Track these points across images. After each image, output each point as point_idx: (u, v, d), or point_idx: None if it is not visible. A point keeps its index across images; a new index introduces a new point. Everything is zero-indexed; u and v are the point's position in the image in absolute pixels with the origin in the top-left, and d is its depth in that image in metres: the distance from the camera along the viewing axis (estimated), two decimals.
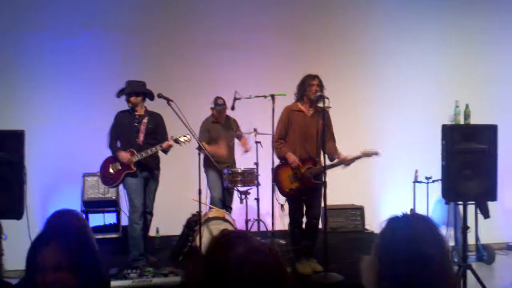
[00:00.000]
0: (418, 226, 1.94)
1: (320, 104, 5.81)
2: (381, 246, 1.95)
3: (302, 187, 5.90)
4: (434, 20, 8.11)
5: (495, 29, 8.13)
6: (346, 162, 5.88)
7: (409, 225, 1.94)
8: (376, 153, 5.91)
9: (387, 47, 8.08)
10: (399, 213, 2.02)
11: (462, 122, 6.71)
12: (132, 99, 6.10)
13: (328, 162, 5.80)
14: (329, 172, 5.69)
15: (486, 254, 7.03)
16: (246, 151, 7.05)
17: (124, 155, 6.01)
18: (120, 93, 6.15)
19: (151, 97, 6.16)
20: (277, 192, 6.18)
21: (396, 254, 1.89)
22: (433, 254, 1.87)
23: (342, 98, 7.19)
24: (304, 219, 6.09)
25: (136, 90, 6.10)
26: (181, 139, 6.02)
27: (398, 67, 8.06)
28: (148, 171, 6.16)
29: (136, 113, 6.15)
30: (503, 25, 8.15)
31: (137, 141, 6.09)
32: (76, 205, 6.91)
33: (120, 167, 6.05)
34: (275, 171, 6.07)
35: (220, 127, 7.07)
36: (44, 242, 2.13)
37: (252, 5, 7.86)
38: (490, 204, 6.72)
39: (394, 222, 1.99)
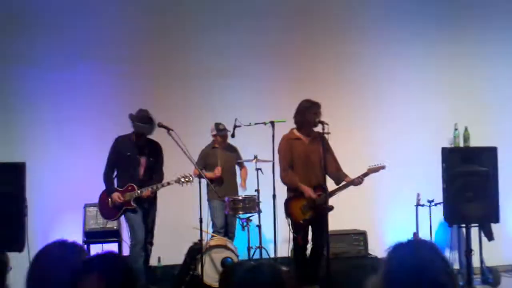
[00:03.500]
0: (424, 253, 1.92)
1: (318, 129, 5.85)
2: (387, 273, 1.93)
3: (314, 216, 5.89)
4: (433, 45, 8.13)
5: (494, 52, 8.15)
6: (356, 182, 5.90)
7: (415, 252, 1.92)
8: (383, 167, 5.94)
9: (387, 73, 8.09)
10: (404, 239, 2.00)
11: (461, 144, 6.73)
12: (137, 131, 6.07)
13: (335, 186, 5.85)
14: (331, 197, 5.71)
15: (492, 276, 6.97)
16: (243, 186, 7.18)
17: (116, 198, 5.95)
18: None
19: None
20: (285, 221, 6.13)
21: (403, 281, 1.87)
22: (441, 281, 1.86)
23: (342, 123, 7.21)
24: (309, 246, 6.08)
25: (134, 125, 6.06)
26: (182, 179, 5.97)
27: (397, 92, 8.07)
28: (147, 203, 6.12)
29: (138, 142, 6.09)
30: (502, 48, 8.18)
31: (138, 176, 6.04)
32: (77, 236, 6.87)
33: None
34: (286, 205, 6.04)
35: (220, 151, 7.10)
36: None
37: (251, 32, 7.90)
38: (494, 226, 6.67)
39: (399, 249, 1.97)
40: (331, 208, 5.76)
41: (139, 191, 5.94)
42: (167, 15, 7.82)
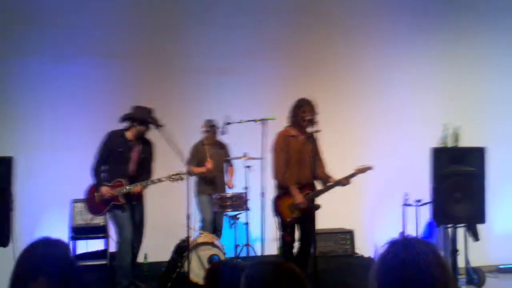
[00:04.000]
0: (416, 247, 1.91)
1: (309, 129, 5.85)
2: (382, 270, 1.92)
3: (301, 214, 5.90)
4: (424, 45, 8.19)
5: (484, 53, 8.23)
6: (343, 182, 5.90)
7: (407, 246, 1.91)
8: (369, 168, 5.93)
9: (377, 73, 8.14)
10: (397, 236, 2.00)
11: (450, 144, 6.75)
12: (142, 128, 5.94)
13: (322, 186, 5.84)
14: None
15: (477, 277, 7.01)
16: (230, 185, 7.13)
17: (106, 192, 5.81)
18: (131, 120, 5.92)
19: (157, 126, 5.88)
20: (272, 220, 6.13)
21: (399, 278, 1.86)
22: (433, 274, 1.85)
23: (332, 122, 7.22)
24: (296, 244, 6.07)
25: (144, 119, 5.90)
26: (174, 177, 5.89)
27: (387, 91, 8.11)
28: (134, 200, 6.04)
29: (130, 139, 6.01)
30: (492, 48, 8.25)
31: (128, 171, 5.95)
32: (64, 232, 6.83)
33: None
34: (274, 203, 6.04)
35: (210, 147, 7.07)
36: (31, 276, 2.03)
37: (242, 30, 7.91)
38: (480, 227, 6.71)
39: (393, 245, 1.96)
40: (318, 207, 5.76)
41: (128, 187, 5.85)
42: (162, 11, 7.81)
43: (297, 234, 6.08)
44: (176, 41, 7.84)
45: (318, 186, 6.02)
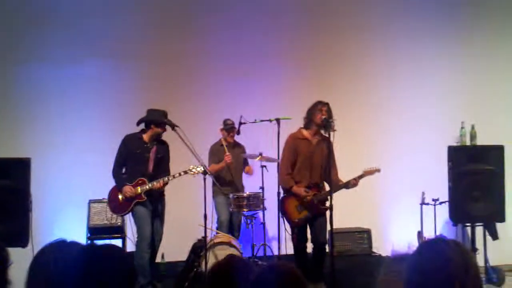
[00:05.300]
0: (451, 254, 1.90)
1: (325, 131, 5.83)
2: (411, 272, 1.91)
3: (310, 215, 5.88)
4: (440, 43, 8.14)
5: (502, 50, 8.15)
6: (351, 183, 5.86)
7: (441, 253, 1.90)
8: (377, 170, 5.89)
9: (392, 71, 8.11)
10: (430, 236, 2.00)
11: (468, 143, 6.71)
12: (159, 129, 6.04)
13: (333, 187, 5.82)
14: (335, 195, 5.66)
15: (496, 276, 6.94)
16: (250, 173, 7.21)
17: (128, 191, 5.90)
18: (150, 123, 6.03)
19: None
20: (284, 220, 6.13)
21: (427, 281, 1.85)
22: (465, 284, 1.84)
23: (347, 121, 7.17)
24: (311, 244, 6.05)
25: (160, 121, 6.00)
26: (193, 170, 5.93)
27: (402, 90, 8.07)
28: (156, 198, 6.11)
29: (146, 141, 6.08)
30: (509, 47, 8.17)
31: (147, 170, 6.04)
32: (81, 232, 6.89)
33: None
34: (281, 203, 6.03)
35: (228, 148, 7.08)
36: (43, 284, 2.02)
37: (257, 32, 7.91)
38: (499, 226, 6.65)
39: (425, 249, 1.95)
40: (327, 208, 5.72)
41: (150, 184, 5.93)
42: (176, 14, 7.85)
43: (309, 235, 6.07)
44: (192, 43, 7.84)
45: (327, 188, 5.98)
